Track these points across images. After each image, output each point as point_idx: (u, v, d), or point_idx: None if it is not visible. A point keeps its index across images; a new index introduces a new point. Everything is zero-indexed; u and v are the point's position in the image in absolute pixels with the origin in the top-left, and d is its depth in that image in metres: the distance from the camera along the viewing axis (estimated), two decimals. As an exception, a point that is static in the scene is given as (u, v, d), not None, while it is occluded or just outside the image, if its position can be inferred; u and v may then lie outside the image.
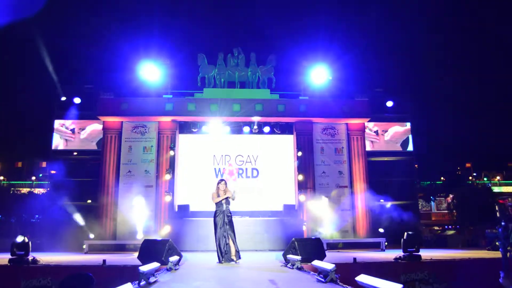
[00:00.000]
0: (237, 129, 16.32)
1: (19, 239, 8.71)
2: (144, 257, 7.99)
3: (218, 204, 8.67)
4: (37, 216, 19.66)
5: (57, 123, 16.77)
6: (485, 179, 41.05)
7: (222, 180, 9.09)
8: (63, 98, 16.66)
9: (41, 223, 16.72)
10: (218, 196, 8.69)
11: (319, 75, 16.18)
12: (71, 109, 16.63)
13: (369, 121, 16.72)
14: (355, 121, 16.53)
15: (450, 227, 25.57)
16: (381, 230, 15.35)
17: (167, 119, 15.93)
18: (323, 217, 15.29)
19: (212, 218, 8.74)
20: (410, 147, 17.52)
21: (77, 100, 16.62)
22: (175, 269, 7.04)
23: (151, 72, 15.75)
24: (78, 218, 14.93)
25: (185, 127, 16.29)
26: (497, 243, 11.83)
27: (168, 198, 15.01)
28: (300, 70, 16.63)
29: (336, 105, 16.16)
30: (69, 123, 16.72)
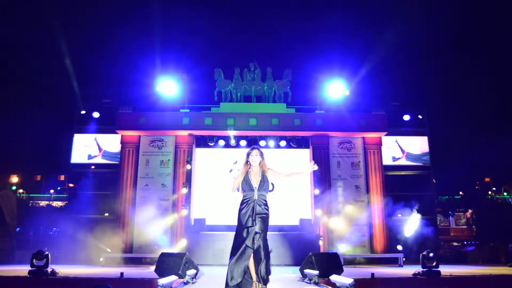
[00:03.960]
0: (253, 143, 16.37)
1: (38, 256, 8.80)
2: (161, 270, 8.02)
3: (246, 189, 5.43)
4: (55, 228, 19.88)
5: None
6: (505, 193, 40.25)
7: (254, 147, 5.61)
8: (83, 112, 16.98)
9: (59, 235, 16.89)
10: (247, 179, 5.42)
11: (335, 89, 16.19)
12: (90, 123, 16.95)
13: (386, 135, 16.63)
14: (371, 135, 16.44)
15: (469, 242, 25.06)
16: (399, 247, 15.14)
17: (184, 133, 16.08)
18: (340, 232, 15.18)
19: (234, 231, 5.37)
20: (428, 162, 17.33)
21: (96, 115, 16.92)
22: (192, 283, 7.05)
23: (169, 86, 15.96)
24: (96, 231, 15.06)
25: (201, 141, 16.44)
26: (519, 259, 11.61)
27: (184, 212, 15.07)
28: (316, 84, 16.67)
29: (353, 119, 16.12)
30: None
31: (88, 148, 17.07)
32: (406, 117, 17.44)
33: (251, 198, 5.38)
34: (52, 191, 37.34)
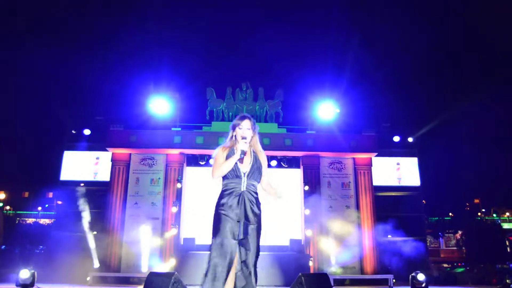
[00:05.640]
0: (244, 162, 16.35)
1: (25, 274, 8.67)
2: (150, 291, 7.92)
3: (230, 176, 3.87)
4: (41, 246, 19.60)
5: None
6: (494, 215, 40.51)
7: (244, 116, 4.02)
8: (73, 131, 16.90)
9: (45, 254, 16.66)
10: (232, 154, 3.88)
11: (326, 110, 16.33)
12: (80, 140, 16.85)
13: (376, 156, 16.73)
14: (362, 156, 16.53)
15: (459, 264, 25.08)
16: (389, 267, 15.12)
17: (175, 151, 16.05)
18: (330, 252, 15.12)
19: None
20: (418, 182, 17.43)
21: (87, 132, 16.84)
22: (181, 304, 6.96)
23: (161, 105, 16.00)
24: (83, 249, 14.86)
25: (192, 160, 16.40)
26: (508, 280, 11.65)
27: (174, 231, 14.95)
28: (307, 105, 16.83)
29: (343, 139, 16.22)
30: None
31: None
32: (396, 138, 17.58)
33: (237, 189, 3.82)
34: (39, 208, 36.88)
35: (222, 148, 3.99)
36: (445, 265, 26.15)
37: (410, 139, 17.82)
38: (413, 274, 9.10)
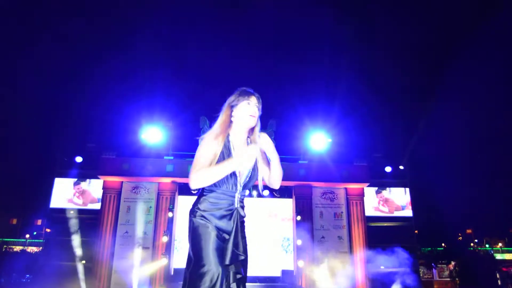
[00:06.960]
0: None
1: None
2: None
3: (222, 185, 2.98)
4: (28, 275, 19.18)
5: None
6: (487, 245, 40.45)
7: (249, 92, 3.11)
8: (65, 158, 16.81)
9: (32, 283, 16.30)
10: (227, 150, 2.95)
11: (318, 140, 16.44)
12: (72, 167, 16.75)
13: (368, 186, 16.78)
14: (354, 186, 16.58)
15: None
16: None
17: (167, 180, 15.99)
18: (322, 283, 14.95)
19: None
20: (410, 213, 17.44)
21: (78, 159, 16.76)
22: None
23: (153, 134, 16.01)
24: (71, 279, 14.60)
25: (184, 189, 16.32)
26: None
27: (164, 261, 14.75)
28: (299, 135, 16.93)
29: (336, 170, 16.29)
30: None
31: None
32: (388, 169, 17.68)
33: (226, 204, 2.90)
34: (27, 236, 36.27)
35: (214, 136, 2.83)
36: (439, 297, 25.86)
37: (401, 167, 17.93)
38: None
